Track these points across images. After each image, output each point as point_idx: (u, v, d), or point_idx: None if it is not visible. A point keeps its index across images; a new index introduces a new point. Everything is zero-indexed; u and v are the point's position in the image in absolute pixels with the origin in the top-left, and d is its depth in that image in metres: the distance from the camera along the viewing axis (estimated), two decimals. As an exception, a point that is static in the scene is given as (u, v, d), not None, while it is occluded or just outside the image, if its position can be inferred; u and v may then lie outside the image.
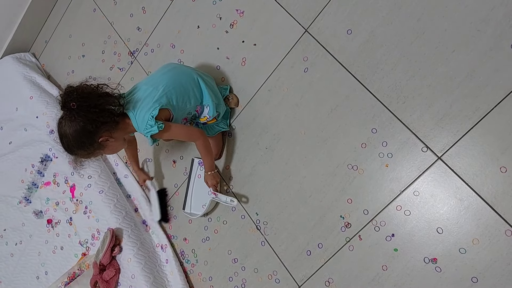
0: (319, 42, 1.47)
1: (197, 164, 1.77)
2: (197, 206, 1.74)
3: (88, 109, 1.27)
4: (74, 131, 1.28)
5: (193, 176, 1.77)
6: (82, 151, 1.34)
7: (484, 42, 1.16)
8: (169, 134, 1.42)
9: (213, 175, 1.60)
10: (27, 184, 2.28)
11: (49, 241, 2.16)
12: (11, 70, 2.49)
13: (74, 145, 1.31)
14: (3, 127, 2.47)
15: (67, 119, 1.28)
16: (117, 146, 1.44)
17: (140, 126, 1.37)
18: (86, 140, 1.30)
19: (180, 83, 1.48)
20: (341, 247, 1.38)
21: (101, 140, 1.34)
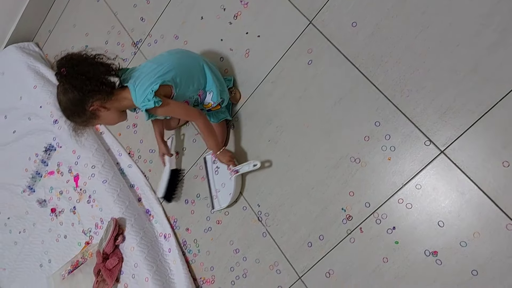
0: (324, 35, 1.47)
1: (210, 161, 1.74)
2: (224, 197, 1.66)
3: (76, 76, 1.28)
4: (66, 98, 1.31)
5: (210, 174, 1.73)
6: (77, 119, 1.36)
7: (488, 36, 1.16)
8: (166, 110, 1.40)
9: (223, 152, 1.57)
10: (31, 173, 2.30)
11: (52, 229, 2.18)
12: (14, 60, 2.50)
13: (68, 112, 1.34)
14: (7, 116, 2.48)
15: (60, 86, 1.32)
16: (112, 117, 1.43)
17: (138, 99, 1.36)
18: (77, 107, 1.32)
19: (185, 65, 1.48)
20: (342, 239, 1.39)
21: (91, 109, 1.34)
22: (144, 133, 2.07)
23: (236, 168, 1.57)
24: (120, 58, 1.44)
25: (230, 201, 1.62)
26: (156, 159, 2.01)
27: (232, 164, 1.57)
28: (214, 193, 1.70)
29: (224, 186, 1.65)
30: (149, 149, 2.04)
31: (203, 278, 1.78)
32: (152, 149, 2.03)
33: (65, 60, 1.29)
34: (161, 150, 1.79)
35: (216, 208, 1.68)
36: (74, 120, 1.38)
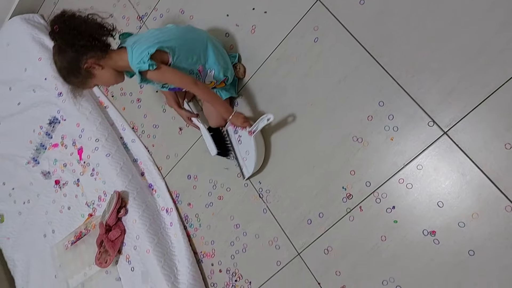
0: (331, 12, 1.45)
1: (232, 132, 1.67)
2: (250, 163, 1.59)
3: (68, 31, 1.29)
4: (61, 57, 1.33)
5: (234, 144, 1.66)
6: (73, 79, 1.37)
7: (497, 17, 1.15)
8: (160, 75, 1.38)
9: (236, 115, 1.53)
10: (35, 145, 2.32)
11: (56, 200, 2.21)
12: (20, 31, 2.48)
13: (64, 72, 1.35)
14: (12, 88, 2.49)
15: (55, 46, 1.34)
16: (108, 76, 1.42)
17: (134, 60, 1.36)
18: (71, 66, 1.33)
19: (188, 38, 1.48)
20: (342, 217, 1.41)
21: (86, 66, 1.34)
22: (148, 108, 2.08)
23: (252, 128, 1.52)
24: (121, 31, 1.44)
25: (255, 164, 1.56)
26: (160, 135, 2.03)
27: (247, 125, 1.53)
28: (241, 162, 1.64)
29: (249, 153, 1.59)
30: (153, 124, 2.05)
31: (203, 252, 1.81)
32: (156, 124, 2.04)
33: (57, 18, 1.30)
34: (184, 115, 1.71)
35: (246, 176, 1.62)
36: (71, 81, 1.38)
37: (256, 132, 1.52)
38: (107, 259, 1.86)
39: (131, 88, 2.15)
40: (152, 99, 2.05)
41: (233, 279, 1.70)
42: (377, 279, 1.33)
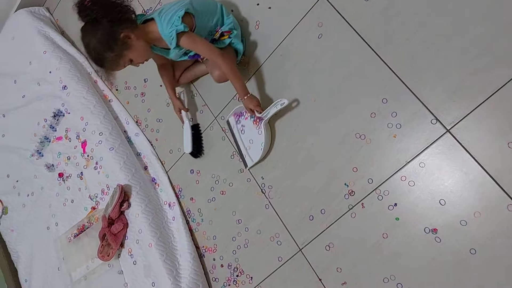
0: (335, 8, 1.45)
1: (234, 122, 1.70)
2: (255, 152, 1.61)
3: (101, 2, 1.30)
4: (95, 31, 1.30)
5: (236, 134, 1.69)
6: (109, 53, 1.33)
7: (503, 15, 1.14)
8: (192, 43, 1.42)
9: (250, 98, 1.52)
10: (39, 137, 2.33)
11: (60, 193, 2.23)
12: (25, 24, 2.49)
13: (101, 48, 1.32)
14: (17, 81, 2.50)
15: (87, 25, 1.32)
16: (143, 48, 1.41)
17: (165, 27, 1.38)
18: (107, 37, 1.31)
19: (206, 2, 1.53)
20: (344, 213, 1.41)
21: (122, 35, 1.33)
22: (152, 103, 2.08)
23: (264, 114, 1.51)
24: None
25: (262, 152, 1.56)
26: (163, 129, 2.03)
27: (259, 110, 1.52)
28: (244, 151, 1.65)
29: (252, 142, 1.62)
30: (157, 119, 2.06)
31: (205, 247, 1.82)
32: (159, 118, 2.04)
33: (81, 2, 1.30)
34: (176, 105, 1.77)
35: (250, 165, 1.63)
36: (106, 57, 1.34)
37: (267, 118, 1.51)
38: (109, 253, 1.87)
39: (135, 82, 2.16)
40: (156, 93, 2.05)
41: (234, 274, 1.71)
42: (378, 277, 1.33)
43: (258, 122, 1.58)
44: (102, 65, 1.39)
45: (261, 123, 1.54)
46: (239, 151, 1.68)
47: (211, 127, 1.82)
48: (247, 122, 1.61)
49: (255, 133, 1.60)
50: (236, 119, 1.65)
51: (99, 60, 1.36)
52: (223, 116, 1.77)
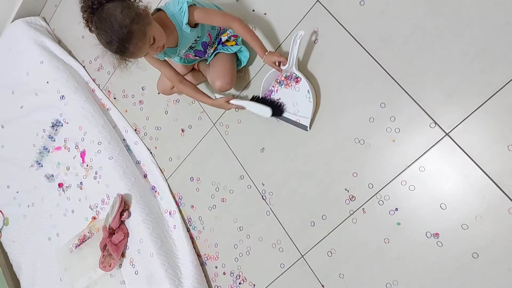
0: (331, 13, 1.44)
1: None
2: (306, 108, 1.48)
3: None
4: (115, 7, 1.20)
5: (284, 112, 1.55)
6: (136, 25, 1.21)
7: (500, 16, 1.13)
8: (205, 13, 1.39)
9: (270, 53, 1.43)
10: (38, 148, 2.33)
11: (60, 204, 2.22)
12: (21, 34, 2.49)
13: (126, 20, 1.19)
14: (14, 92, 2.49)
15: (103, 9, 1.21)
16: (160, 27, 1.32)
17: (173, 7, 1.37)
18: (131, 9, 1.22)
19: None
20: (345, 219, 1.40)
21: (143, 9, 1.26)
22: (150, 110, 2.08)
23: (290, 63, 1.43)
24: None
25: (312, 101, 1.44)
26: (162, 137, 2.03)
27: (283, 59, 1.43)
28: (295, 118, 1.51)
29: (297, 103, 1.51)
30: (155, 126, 2.05)
31: (207, 255, 1.81)
32: (158, 126, 2.04)
33: None
34: (221, 102, 1.59)
35: (308, 124, 1.48)
36: (134, 30, 1.21)
37: (294, 62, 1.43)
38: (111, 263, 1.86)
39: (133, 90, 2.15)
40: (154, 101, 2.05)
41: (237, 281, 1.70)
42: (381, 282, 1.32)
43: (289, 82, 1.50)
44: (129, 41, 1.22)
45: (292, 78, 1.48)
46: (291, 122, 1.54)
47: (210, 134, 1.81)
48: (280, 93, 1.54)
49: (294, 94, 1.51)
50: (269, 97, 1.57)
51: (127, 35, 1.20)
52: (221, 122, 1.77)
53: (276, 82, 1.57)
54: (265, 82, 1.55)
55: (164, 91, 1.80)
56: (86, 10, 1.24)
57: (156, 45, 1.30)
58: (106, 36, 1.22)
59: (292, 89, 1.52)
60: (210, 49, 1.60)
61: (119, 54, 1.27)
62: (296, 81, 1.50)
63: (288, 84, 1.52)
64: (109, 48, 1.25)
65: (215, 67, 1.59)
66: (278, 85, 1.56)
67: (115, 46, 1.22)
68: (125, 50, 1.24)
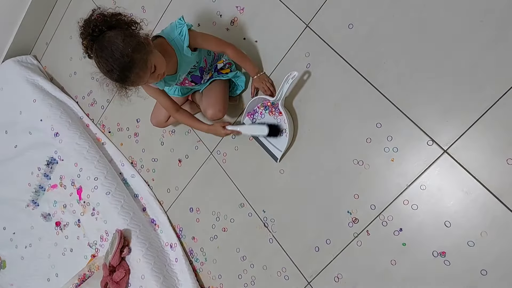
0: (321, 37, 1.46)
1: (249, 122, 1.62)
2: (280, 141, 1.53)
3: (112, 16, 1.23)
4: (117, 35, 1.19)
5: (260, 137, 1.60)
6: (137, 54, 1.20)
7: (488, 33, 1.15)
8: (203, 36, 1.43)
9: (261, 77, 1.51)
10: (34, 187, 2.30)
11: (58, 243, 2.18)
12: (13, 74, 2.49)
13: (128, 48, 1.18)
14: (8, 131, 2.48)
15: (104, 37, 1.19)
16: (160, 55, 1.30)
17: (172, 32, 1.37)
18: (132, 38, 1.20)
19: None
20: (349, 242, 1.39)
21: (144, 37, 1.25)
22: (146, 142, 2.07)
23: (277, 97, 1.46)
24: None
25: (288, 138, 1.48)
26: (159, 168, 2.01)
27: (272, 89, 1.50)
28: (270, 146, 1.56)
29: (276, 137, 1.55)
30: (152, 158, 2.04)
31: (211, 287, 1.77)
32: (154, 158, 2.03)
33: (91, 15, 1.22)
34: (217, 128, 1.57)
35: (279, 156, 1.53)
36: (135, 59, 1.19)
37: (282, 99, 1.46)
38: (113, 301, 1.82)
39: (128, 123, 2.15)
40: (149, 133, 2.04)
41: (243, 312, 1.66)
42: (391, 305, 1.30)
43: (274, 111, 1.52)
44: (131, 70, 1.20)
45: (277, 109, 1.50)
46: (264, 148, 1.59)
47: (207, 163, 1.81)
48: (263, 117, 1.56)
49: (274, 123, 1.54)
50: (251, 118, 1.60)
51: (128, 64, 1.19)
52: (218, 150, 1.76)
53: (262, 105, 1.58)
54: (251, 103, 1.56)
55: (158, 124, 1.79)
56: (86, 37, 1.22)
57: (156, 73, 1.29)
58: (107, 64, 1.20)
59: (274, 118, 1.55)
60: (206, 75, 1.61)
61: (120, 83, 1.26)
62: (279, 113, 1.52)
63: (272, 112, 1.56)
64: (109, 76, 1.23)
65: (207, 96, 1.60)
66: (263, 108, 1.59)
67: (116, 74, 1.21)
68: (126, 79, 1.23)
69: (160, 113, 1.75)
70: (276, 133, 1.53)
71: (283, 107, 1.48)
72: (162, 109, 1.72)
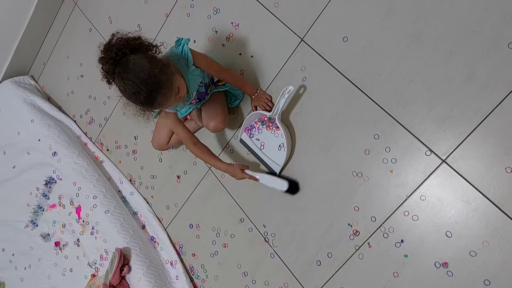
0: (316, 51, 1.47)
1: (248, 138, 1.62)
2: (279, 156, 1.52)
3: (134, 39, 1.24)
4: (142, 58, 1.19)
5: (255, 149, 1.60)
6: (163, 76, 1.20)
7: (481, 42, 1.16)
8: (205, 58, 1.44)
9: (258, 95, 1.53)
10: (33, 207, 2.29)
11: (58, 263, 2.16)
12: (11, 95, 2.50)
13: (155, 70, 1.18)
14: (6, 152, 2.48)
15: (128, 60, 1.19)
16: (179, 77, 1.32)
17: (176, 50, 1.37)
18: (157, 61, 1.21)
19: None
20: (351, 255, 1.38)
21: (166, 60, 1.26)
22: (144, 159, 2.07)
23: (274, 111, 1.47)
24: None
25: (286, 153, 1.48)
26: (158, 185, 2.01)
27: (271, 104, 1.53)
28: (268, 161, 1.55)
29: (273, 148, 1.55)
30: (150, 175, 2.04)
31: (213, 304, 1.75)
32: (153, 175, 2.02)
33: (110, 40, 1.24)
34: (236, 169, 1.51)
35: (278, 170, 1.52)
36: (162, 80, 1.19)
37: (278, 113, 1.46)
38: (114, 321, 1.80)
39: (126, 140, 2.15)
40: (147, 150, 2.04)
41: (246, 329, 1.64)
42: (395, 318, 1.28)
43: (271, 125, 1.54)
44: (158, 91, 1.20)
45: (274, 123, 1.52)
46: (262, 163, 1.58)
47: (206, 178, 1.80)
48: (260, 132, 1.57)
49: (272, 138, 1.55)
50: (249, 133, 1.61)
51: (156, 85, 1.19)
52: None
53: (259, 121, 1.59)
54: (248, 118, 1.57)
55: (160, 147, 1.79)
56: (107, 61, 1.21)
57: (179, 95, 1.30)
58: (133, 86, 1.18)
59: (272, 132, 1.56)
60: (209, 90, 1.61)
61: (146, 105, 1.24)
62: (277, 127, 1.53)
63: (269, 127, 1.57)
64: (135, 98, 1.21)
65: (207, 110, 1.60)
66: (260, 124, 1.60)
67: (143, 96, 1.19)
68: (154, 100, 1.21)
69: (161, 136, 1.75)
70: (295, 191, 1.50)
71: (280, 121, 1.49)
72: (163, 132, 1.74)
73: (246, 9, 1.65)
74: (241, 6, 1.66)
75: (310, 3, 1.48)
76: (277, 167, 1.53)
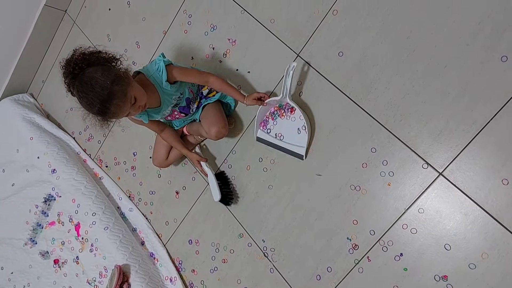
0: (312, 66, 1.49)
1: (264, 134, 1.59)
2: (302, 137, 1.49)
3: (92, 54, 1.29)
4: (96, 71, 1.24)
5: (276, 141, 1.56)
6: (116, 86, 1.24)
7: (475, 56, 1.18)
8: (182, 71, 1.46)
9: (248, 97, 1.51)
10: (32, 225, 2.28)
11: (57, 281, 2.15)
12: (10, 112, 2.51)
13: (107, 81, 1.22)
14: (5, 170, 2.48)
15: (84, 73, 1.24)
16: (140, 88, 1.36)
17: (151, 68, 1.43)
18: (111, 72, 1.26)
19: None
20: (351, 269, 1.37)
21: (123, 70, 1.31)
22: (143, 175, 2.07)
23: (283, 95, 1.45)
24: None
25: (307, 131, 1.46)
26: (157, 201, 2.00)
27: (262, 94, 1.50)
28: (292, 148, 1.52)
29: (292, 133, 1.53)
30: (149, 191, 2.04)
31: (213, 320, 1.74)
32: (152, 191, 2.02)
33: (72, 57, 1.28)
34: (193, 157, 1.71)
35: (303, 153, 1.48)
36: (115, 91, 1.23)
37: (288, 94, 1.45)
38: None
39: (124, 157, 2.15)
40: (146, 166, 2.05)
41: None
42: (396, 332, 1.27)
43: (284, 112, 1.53)
44: (111, 101, 1.24)
45: (286, 108, 1.52)
46: (287, 152, 1.54)
47: (205, 193, 1.80)
48: (276, 123, 1.56)
49: (289, 124, 1.53)
50: (265, 129, 1.59)
51: (108, 96, 1.22)
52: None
53: (270, 115, 1.59)
54: (259, 113, 1.56)
55: (160, 164, 1.82)
56: (67, 75, 1.28)
57: (137, 105, 1.33)
58: (87, 98, 1.24)
59: (287, 119, 1.54)
60: (193, 104, 1.63)
61: (101, 115, 1.29)
62: (290, 111, 1.52)
63: (282, 115, 1.55)
64: (90, 110, 1.27)
65: (206, 119, 1.62)
66: (271, 117, 1.59)
67: (97, 107, 1.24)
68: (107, 111, 1.26)
69: (160, 153, 1.79)
70: (226, 203, 1.70)
71: (292, 101, 1.46)
72: (161, 149, 1.78)
73: (243, 25, 1.67)
74: (238, 22, 1.69)
75: (305, 19, 1.50)
76: (302, 149, 1.49)
